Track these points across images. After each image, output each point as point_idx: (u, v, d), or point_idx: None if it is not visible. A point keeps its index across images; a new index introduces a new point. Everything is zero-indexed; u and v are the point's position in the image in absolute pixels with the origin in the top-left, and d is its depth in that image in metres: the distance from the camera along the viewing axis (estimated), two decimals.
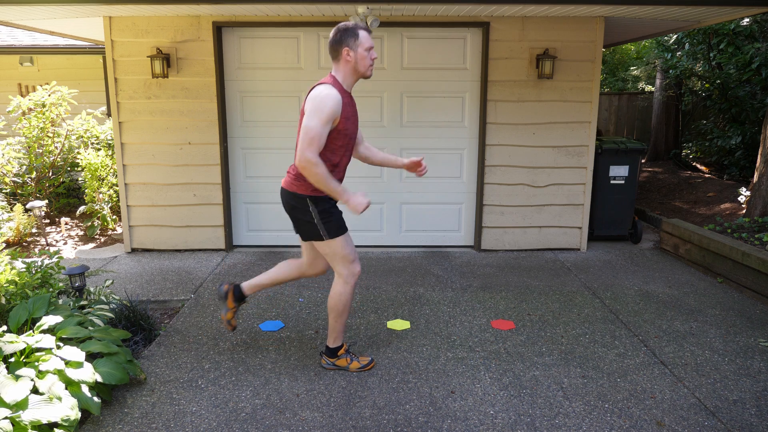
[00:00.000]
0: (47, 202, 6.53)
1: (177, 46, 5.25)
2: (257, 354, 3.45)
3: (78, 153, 6.63)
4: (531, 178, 5.53)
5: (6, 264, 3.48)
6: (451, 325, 3.85)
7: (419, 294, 4.44)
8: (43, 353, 2.73)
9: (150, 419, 2.77)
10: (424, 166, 3.21)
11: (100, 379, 2.80)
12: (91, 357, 2.98)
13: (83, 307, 3.48)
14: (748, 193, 6.39)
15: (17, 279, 3.40)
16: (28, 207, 5.93)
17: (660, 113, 10.46)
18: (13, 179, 6.59)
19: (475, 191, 5.62)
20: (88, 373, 2.72)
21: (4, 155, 6.38)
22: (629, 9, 4.54)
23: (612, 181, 5.81)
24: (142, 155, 5.44)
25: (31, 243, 6.04)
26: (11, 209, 6.17)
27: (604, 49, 10.69)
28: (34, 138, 6.46)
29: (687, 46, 9.03)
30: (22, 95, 8.91)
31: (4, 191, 6.78)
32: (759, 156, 5.86)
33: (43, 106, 6.41)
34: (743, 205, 6.50)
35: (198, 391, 3.03)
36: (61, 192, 7.19)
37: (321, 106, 2.74)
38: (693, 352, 3.48)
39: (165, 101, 5.34)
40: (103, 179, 6.50)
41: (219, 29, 5.26)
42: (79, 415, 2.53)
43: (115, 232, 6.45)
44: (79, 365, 2.74)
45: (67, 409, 2.49)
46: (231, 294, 3.35)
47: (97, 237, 6.25)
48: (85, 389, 2.68)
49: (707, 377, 3.17)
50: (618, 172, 5.79)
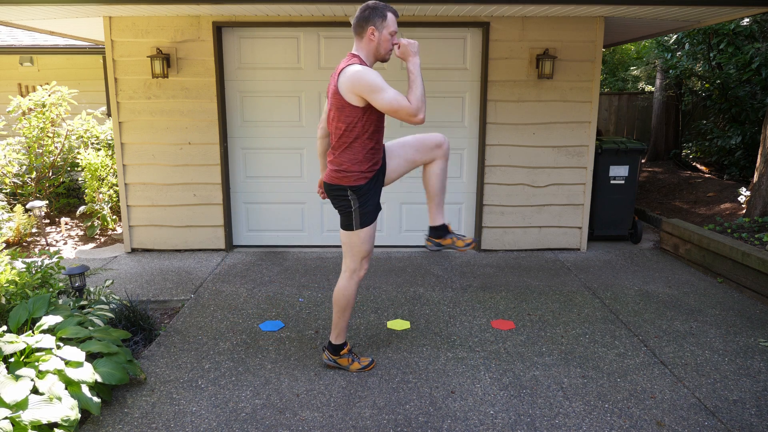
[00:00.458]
0: (47, 202, 6.53)
1: (177, 46, 5.25)
2: (257, 354, 3.45)
3: (78, 153, 6.63)
4: (531, 178, 5.53)
5: (6, 264, 3.48)
6: (451, 325, 3.85)
7: (419, 294, 4.45)
8: (43, 353, 2.73)
9: (150, 419, 2.77)
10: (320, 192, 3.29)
11: (100, 379, 2.80)
12: (91, 357, 2.98)
13: (83, 307, 3.49)
14: (748, 193, 6.39)
15: (17, 279, 3.40)
16: (28, 207, 5.93)
17: (660, 113, 10.46)
18: (13, 179, 6.59)
19: (475, 191, 5.62)
20: (88, 373, 2.72)
21: (4, 155, 6.38)
22: (629, 9, 4.54)
23: (612, 181, 5.81)
24: (142, 155, 5.44)
25: (31, 243, 6.04)
26: (11, 209, 6.17)
27: (604, 49, 10.68)
28: (34, 138, 6.46)
29: (687, 46, 9.03)
30: (22, 95, 8.91)
31: (4, 191, 6.78)
32: (759, 156, 5.86)
33: (43, 106, 6.41)
34: (743, 205, 6.50)
35: (198, 391, 3.03)
36: (61, 192, 7.19)
37: (370, 78, 2.69)
38: (693, 352, 3.48)
39: (165, 101, 5.34)
40: (103, 179, 6.50)
41: (219, 29, 5.26)
42: (79, 415, 2.53)
43: (115, 232, 6.45)
44: (79, 365, 2.74)
45: (67, 409, 2.49)
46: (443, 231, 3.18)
47: (97, 237, 6.25)
48: (85, 389, 2.68)
49: (707, 377, 3.17)
50: (618, 172, 5.79)
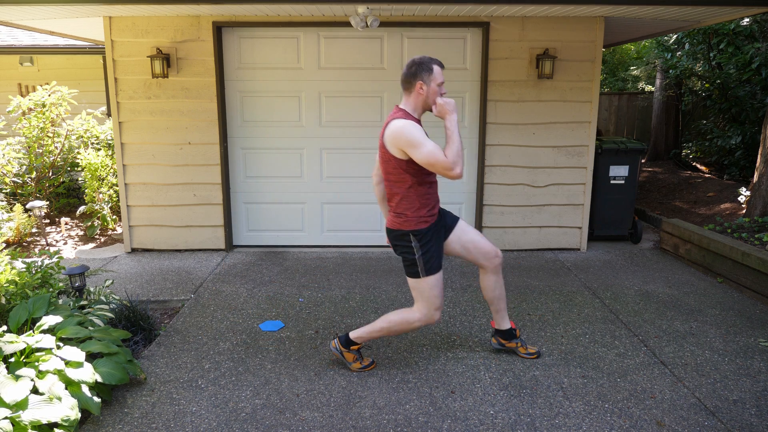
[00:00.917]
0: (47, 202, 6.53)
1: (177, 46, 5.25)
2: (257, 354, 3.45)
3: (78, 153, 6.63)
4: (531, 178, 5.53)
5: (6, 264, 3.48)
6: (451, 325, 3.85)
7: None
8: (43, 353, 2.73)
9: (150, 419, 2.77)
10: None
11: (100, 379, 2.80)
12: (91, 357, 2.98)
13: (83, 307, 3.49)
14: (748, 193, 6.39)
15: (17, 279, 3.40)
16: (28, 207, 5.94)
17: (660, 113, 10.46)
18: (13, 179, 6.59)
19: (475, 191, 5.62)
20: (88, 373, 2.72)
21: (4, 155, 6.38)
22: (629, 9, 4.54)
23: (612, 181, 5.81)
24: (142, 155, 5.44)
25: (31, 243, 6.04)
26: (11, 209, 6.17)
27: (604, 49, 10.69)
28: (34, 138, 6.46)
29: (687, 46, 9.02)
30: (22, 95, 8.91)
31: (4, 191, 6.78)
32: (759, 156, 5.86)
33: (43, 106, 6.41)
34: (743, 205, 6.49)
35: (198, 391, 3.03)
36: (61, 192, 7.19)
37: (411, 136, 2.77)
38: (693, 352, 3.48)
39: (165, 101, 5.34)
40: (103, 179, 6.50)
41: (219, 29, 5.26)
42: (79, 415, 2.53)
43: (115, 232, 6.45)
44: (79, 365, 2.74)
45: (67, 409, 2.49)
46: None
47: (97, 237, 6.25)
48: (85, 389, 2.68)
49: (707, 377, 3.17)
50: (618, 172, 5.79)
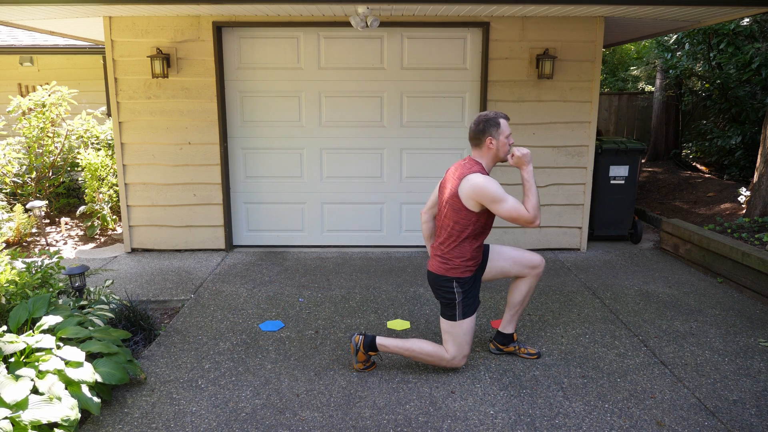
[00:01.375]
0: (47, 202, 6.53)
1: (177, 46, 5.25)
2: (257, 354, 3.45)
3: (78, 153, 6.63)
4: None
5: (6, 264, 3.48)
6: None
7: (419, 294, 4.44)
8: (43, 353, 2.73)
9: (150, 419, 2.77)
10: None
11: (100, 379, 2.80)
12: (91, 357, 2.98)
13: (83, 307, 3.49)
14: (748, 193, 6.39)
15: (17, 279, 3.40)
16: (28, 207, 5.94)
17: (660, 113, 10.46)
18: (13, 179, 6.59)
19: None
20: (88, 373, 2.72)
21: (4, 155, 6.38)
22: (629, 9, 4.54)
23: (612, 181, 5.81)
24: (142, 155, 5.44)
25: (31, 243, 6.04)
26: (11, 209, 6.17)
27: (604, 49, 10.69)
28: (34, 138, 6.46)
29: (687, 46, 9.02)
30: (22, 95, 8.91)
31: (4, 191, 6.78)
32: (759, 156, 5.86)
33: (43, 106, 6.41)
34: (743, 205, 6.49)
35: (198, 391, 3.03)
36: (61, 192, 7.19)
37: (492, 191, 2.88)
38: (693, 352, 3.48)
39: (165, 101, 5.34)
40: (103, 179, 6.50)
41: (219, 29, 5.26)
42: (79, 415, 2.53)
43: (115, 232, 6.45)
44: (79, 365, 2.74)
45: (67, 409, 2.49)
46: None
47: (97, 237, 6.25)
48: (85, 389, 2.68)
49: (707, 377, 3.17)
50: (618, 172, 5.79)
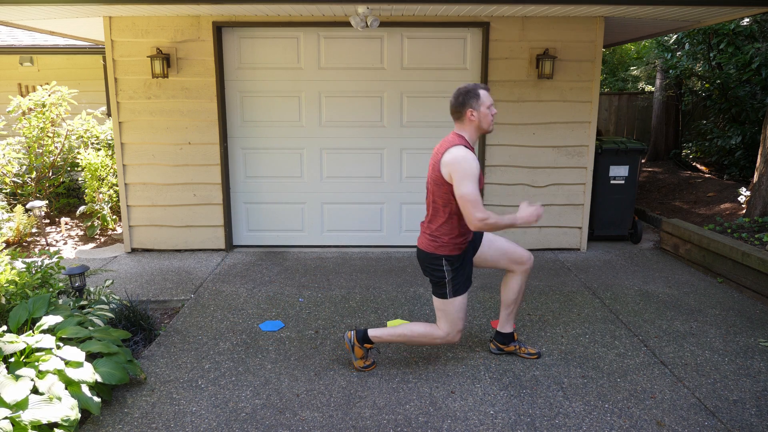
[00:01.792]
0: (47, 202, 6.53)
1: (177, 46, 5.25)
2: (257, 354, 3.45)
3: (78, 153, 6.63)
4: (531, 178, 5.53)
5: (6, 264, 3.48)
6: None
7: (419, 294, 4.44)
8: (43, 353, 2.73)
9: (150, 419, 2.77)
10: None
11: (100, 379, 2.80)
12: (91, 357, 2.98)
13: (83, 307, 3.48)
14: (748, 193, 6.39)
15: (17, 279, 3.40)
16: (28, 207, 5.93)
17: (660, 113, 10.46)
18: (13, 179, 6.59)
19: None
20: (88, 373, 2.72)
21: (4, 155, 6.38)
22: (629, 9, 4.54)
23: (612, 181, 5.81)
24: (142, 155, 5.44)
25: (31, 243, 6.04)
26: (11, 209, 6.16)
27: (604, 49, 10.69)
28: (34, 138, 6.46)
29: (687, 46, 9.02)
30: (22, 95, 8.91)
31: (4, 191, 6.78)
32: (759, 156, 5.86)
33: (43, 106, 6.41)
34: (743, 205, 6.49)
35: (198, 391, 3.03)
36: (61, 192, 7.19)
37: (468, 170, 2.80)
38: (693, 352, 3.48)
39: (165, 101, 5.34)
40: (103, 179, 6.50)
41: (219, 29, 5.26)
42: (79, 415, 2.53)
43: (115, 232, 6.45)
44: (79, 365, 2.74)
45: (67, 409, 2.49)
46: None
47: (97, 237, 6.25)
48: (85, 389, 2.68)
49: (707, 377, 3.17)
50: (618, 172, 5.79)
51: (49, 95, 6.46)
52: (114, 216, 6.46)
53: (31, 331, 2.92)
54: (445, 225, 2.97)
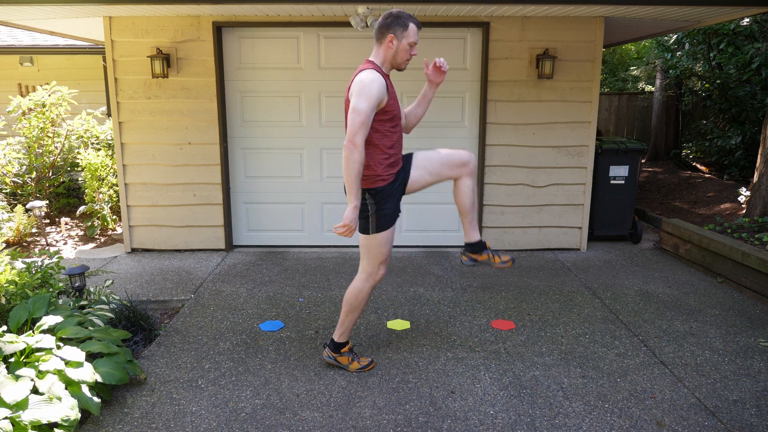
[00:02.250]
0: (47, 202, 6.53)
1: (177, 46, 5.25)
2: (257, 354, 3.45)
3: (78, 153, 6.63)
4: (531, 178, 5.53)
5: (6, 264, 3.48)
6: (451, 325, 3.85)
7: (419, 294, 4.45)
8: (43, 353, 2.73)
9: (150, 419, 2.78)
10: (441, 63, 3.08)
11: (100, 379, 2.80)
12: (91, 357, 2.98)
13: (83, 307, 3.49)
14: (748, 193, 6.39)
15: (17, 279, 3.40)
16: (28, 207, 5.93)
17: (660, 113, 10.46)
18: (13, 179, 6.59)
19: (475, 191, 5.61)
20: (88, 373, 2.72)
21: (4, 155, 6.38)
22: (629, 9, 4.54)
23: (612, 181, 5.81)
24: (142, 155, 5.44)
25: (31, 243, 6.04)
26: (11, 209, 6.17)
27: (604, 49, 10.68)
28: (34, 138, 6.46)
29: (687, 46, 9.03)
30: (22, 95, 8.91)
31: (4, 191, 6.78)
32: (759, 156, 5.86)
33: (43, 106, 6.41)
34: (743, 205, 6.49)
35: (198, 391, 3.03)
36: (61, 192, 7.19)
37: (368, 90, 2.75)
38: (693, 352, 3.48)
39: (165, 101, 5.34)
40: (103, 179, 6.50)
41: (219, 29, 5.26)
42: (79, 415, 2.53)
43: (115, 232, 6.45)
44: (79, 365, 2.74)
45: (67, 409, 2.49)
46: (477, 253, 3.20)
47: (97, 237, 6.25)
48: (85, 389, 2.68)
49: (707, 377, 3.17)
50: (618, 172, 5.79)
51: (49, 95, 6.46)
52: (114, 216, 6.46)
53: (31, 331, 2.92)
54: (365, 158, 2.85)
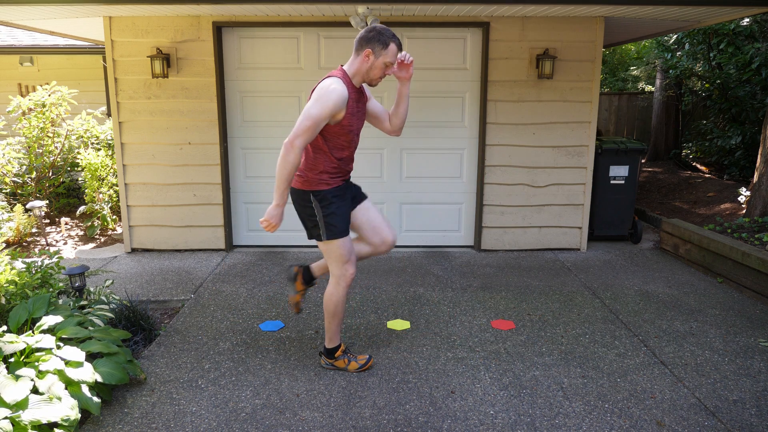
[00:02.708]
0: (47, 202, 6.53)
1: (177, 46, 5.25)
2: (257, 354, 3.45)
3: (78, 153, 6.63)
4: (531, 178, 5.53)
5: (6, 264, 3.48)
6: (451, 325, 3.85)
7: (419, 294, 4.44)
8: (43, 353, 2.73)
9: (150, 419, 2.78)
10: (404, 56, 2.95)
11: (100, 379, 2.80)
12: (91, 357, 2.98)
13: (83, 307, 3.49)
14: (748, 193, 6.39)
15: (17, 279, 3.40)
16: (28, 207, 5.93)
17: (660, 113, 10.46)
18: (13, 179, 6.59)
19: (475, 191, 5.62)
20: (88, 373, 2.72)
21: (4, 155, 6.37)
22: (629, 9, 4.54)
23: (612, 181, 5.81)
24: (142, 155, 5.44)
25: (31, 243, 6.04)
26: (11, 209, 6.16)
27: (604, 49, 10.69)
28: (34, 138, 6.46)
29: (687, 46, 9.03)
30: (22, 95, 8.92)
31: (4, 191, 6.78)
32: (759, 156, 5.86)
33: (43, 106, 6.41)
34: (743, 205, 6.49)
35: (198, 391, 3.03)
36: (61, 192, 7.19)
37: (326, 98, 2.75)
38: (693, 352, 3.48)
39: (165, 101, 5.34)
40: (103, 179, 6.50)
41: (219, 29, 5.26)
42: (79, 415, 2.53)
43: (115, 232, 6.45)
44: (79, 365, 2.74)
45: (67, 409, 2.49)
46: (300, 276, 3.34)
47: (97, 237, 6.25)
48: (85, 389, 2.68)
49: (707, 377, 3.17)
50: (618, 172, 5.79)
51: (49, 95, 6.46)
52: (114, 216, 6.46)
53: (31, 331, 2.92)
54: (312, 162, 2.89)
